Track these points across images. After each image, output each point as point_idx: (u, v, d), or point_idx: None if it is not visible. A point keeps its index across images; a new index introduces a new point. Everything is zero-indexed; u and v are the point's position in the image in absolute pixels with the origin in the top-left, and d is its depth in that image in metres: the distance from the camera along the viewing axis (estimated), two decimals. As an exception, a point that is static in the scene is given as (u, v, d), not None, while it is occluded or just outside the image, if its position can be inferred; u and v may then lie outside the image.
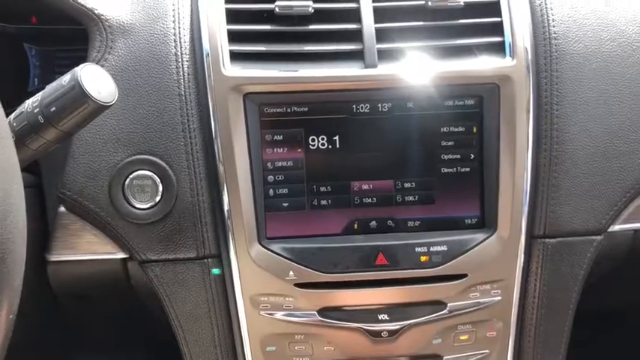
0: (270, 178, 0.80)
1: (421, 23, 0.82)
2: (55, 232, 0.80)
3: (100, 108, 0.61)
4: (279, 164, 0.80)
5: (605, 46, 0.83)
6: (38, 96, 0.62)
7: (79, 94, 0.60)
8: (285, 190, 0.80)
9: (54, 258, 0.81)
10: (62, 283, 0.84)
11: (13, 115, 0.62)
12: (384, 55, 0.80)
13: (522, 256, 0.82)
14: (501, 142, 0.80)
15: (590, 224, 0.83)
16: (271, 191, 0.80)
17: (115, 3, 0.82)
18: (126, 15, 0.81)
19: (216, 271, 0.80)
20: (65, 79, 0.61)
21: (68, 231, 0.80)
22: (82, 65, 0.61)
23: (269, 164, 0.80)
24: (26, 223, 0.50)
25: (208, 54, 0.78)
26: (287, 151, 0.80)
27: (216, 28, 0.79)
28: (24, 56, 0.98)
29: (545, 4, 0.84)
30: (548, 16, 0.83)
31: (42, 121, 0.61)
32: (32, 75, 0.99)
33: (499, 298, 0.82)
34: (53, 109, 0.60)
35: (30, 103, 0.62)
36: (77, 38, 0.87)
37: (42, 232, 0.81)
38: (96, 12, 0.80)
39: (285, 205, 0.80)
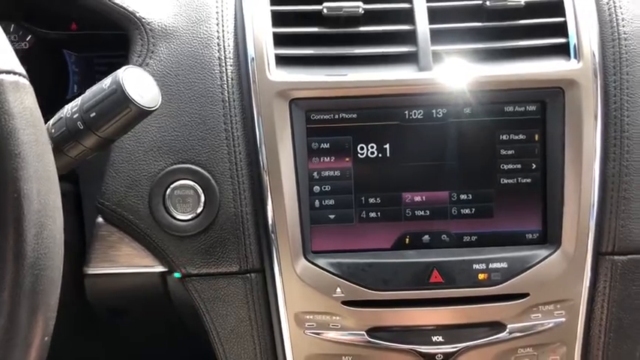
0: (316, 188, 0.76)
1: (479, 24, 0.77)
2: (92, 244, 0.77)
3: (143, 113, 0.58)
4: (326, 174, 0.76)
5: None
6: (78, 100, 0.59)
7: (120, 98, 0.56)
8: (331, 202, 0.76)
9: (91, 271, 0.78)
10: (99, 296, 0.81)
11: (51, 121, 0.59)
12: (437, 58, 0.75)
13: (589, 274, 0.76)
14: (566, 151, 0.74)
15: None
16: (317, 202, 0.76)
17: (156, 6, 0.79)
18: (168, 18, 0.78)
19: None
20: (106, 82, 0.57)
21: (106, 243, 0.77)
22: (123, 68, 0.58)
23: (315, 174, 0.76)
24: (63, 235, 0.47)
25: (253, 58, 0.75)
26: (334, 160, 0.76)
27: (261, 31, 0.76)
28: (63, 63, 0.97)
29: (614, 2, 0.78)
30: (616, 15, 0.77)
31: (81, 127, 0.57)
32: (71, 82, 0.97)
33: (563, 319, 0.76)
34: (93, 114, 0.57)
35: (69, 109, 0.59)
36: (117, 43, 0.84)
37: (79, 243, 0.79)
38: (137, 15, 0.77)
39: (332, 217, 0.76)
